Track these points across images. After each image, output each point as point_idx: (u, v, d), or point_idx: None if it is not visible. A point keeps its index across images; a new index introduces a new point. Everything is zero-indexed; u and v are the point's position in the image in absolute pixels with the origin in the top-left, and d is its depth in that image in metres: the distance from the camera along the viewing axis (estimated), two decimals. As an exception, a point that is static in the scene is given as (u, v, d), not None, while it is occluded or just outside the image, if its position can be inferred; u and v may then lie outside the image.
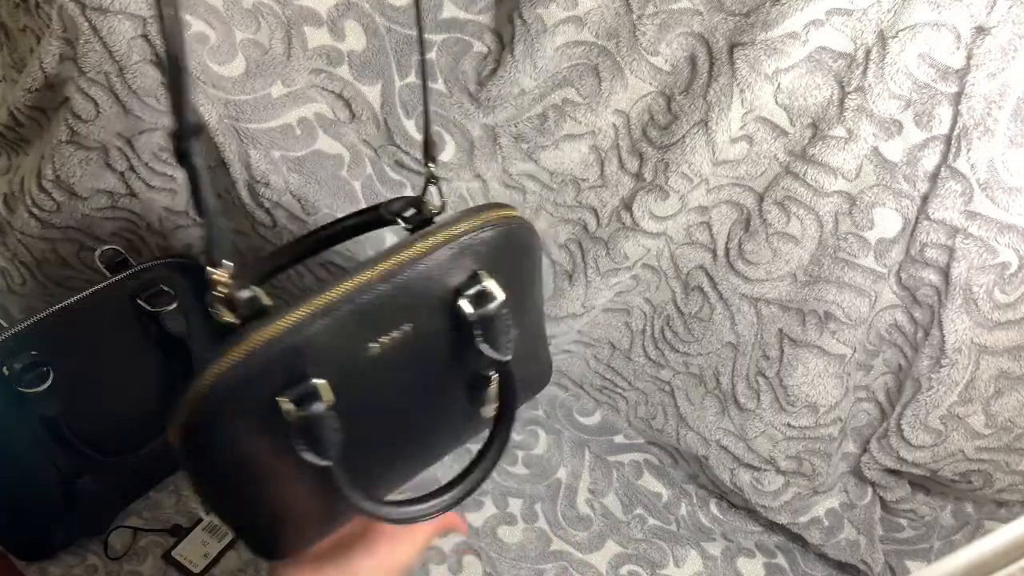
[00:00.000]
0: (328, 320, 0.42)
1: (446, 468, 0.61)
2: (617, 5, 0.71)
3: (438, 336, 0.46)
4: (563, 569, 0.78)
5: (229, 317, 0.43)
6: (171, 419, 0.42)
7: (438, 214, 0.52)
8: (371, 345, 0.44)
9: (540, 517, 0.82)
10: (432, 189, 0.52)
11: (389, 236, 0.76)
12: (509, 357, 0.47)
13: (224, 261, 0.42)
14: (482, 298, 0.46)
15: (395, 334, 0.44)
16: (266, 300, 0.44)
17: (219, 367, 0.41)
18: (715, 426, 0.82)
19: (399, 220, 0.52)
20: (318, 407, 0.41)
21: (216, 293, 0.43)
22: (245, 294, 0.43)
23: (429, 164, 0.52)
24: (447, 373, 0.48)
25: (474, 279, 0.46)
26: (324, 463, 0.42)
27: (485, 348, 0.46)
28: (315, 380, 0.41)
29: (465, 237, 0.46)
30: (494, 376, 0.48)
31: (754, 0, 0.68)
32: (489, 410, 0.49)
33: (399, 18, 0.75)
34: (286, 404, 0.41)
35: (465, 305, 0.46)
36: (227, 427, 0.42)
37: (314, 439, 0.41)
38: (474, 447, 0.50)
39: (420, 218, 0.52)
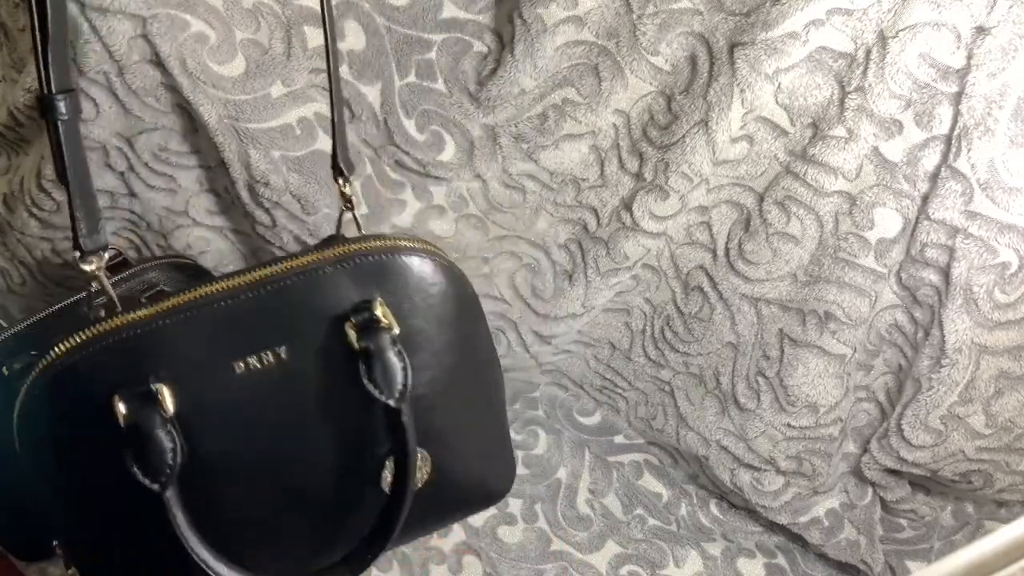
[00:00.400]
0: (183, 321, 0.38)
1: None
2: (617, 5, 0.71)
3: (319, 368, 0.40)
4: (563, 569, 0.78)
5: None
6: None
7: None
8: (235, 363, 0.38)
9: (540, 517, 0.82)
10: (348, 216, 0.45)
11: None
12: (397, 403, 0.39)
13: (99, 250, 0.37)
14: (371, 327, 0.39)
15: (266, 356, 0.39)
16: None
17: (60, 348, 0.37)
18: (715, 426, 0.81)
19: None
20: (154, 414, 0.35)
21: (92, 288, 0.37)
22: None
23: (339, 181, 0.45)
24: (330, 418, 0.41)
25: (364, 305, 0.39)
26: (153, 486, 0.35)
27: (370, 387, 0.39)
28: (155, 384, 0.36)
29: (360, 257, 0.40)
30: (387, 433, 0.40)
31: (754, 0, 0.68)
32: (387, 480, 0.42)
33: (399, 18, 0.75)
34: (120, 404, 0.35)
35: (350, 332, 0.39)
36: (62, 416, 0.37)
37: (145, 452, 0.35)
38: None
39: None
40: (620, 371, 0.87)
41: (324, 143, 0.76)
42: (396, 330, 0.39)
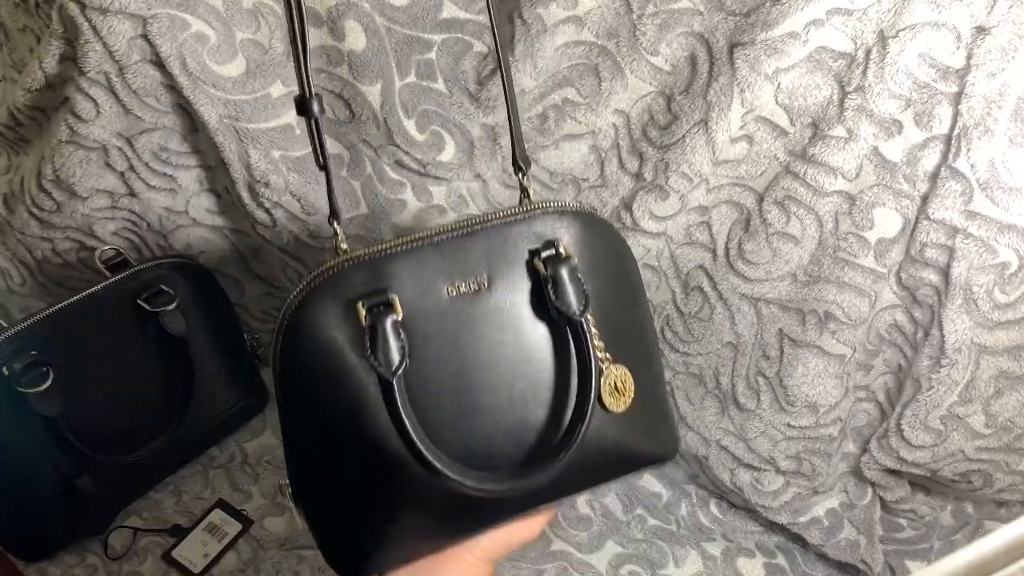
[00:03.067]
0: (410, 250, 0.48)
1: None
2: (617, 5, 0.71)
3: (513, 293, 0.50)
4: (563, 569, 0.78)
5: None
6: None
7: None
8: (447, 287, 0.48)
9: (540, 517, 0.82)
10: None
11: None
12: (579, 316, 0.48)
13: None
14: (556, 259, 0.49)
15: (471, 282, 0.49)
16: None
17: (320, 269, 0.47)
18: (715, 426, 0.82)
19: None
20: (387, 318, 0.45)
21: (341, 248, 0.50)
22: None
23: (518, 175, 0.56)
24: (522, 336, 0.50)
25: (551, 243, 0.50)
26: (386, 375, 0.45)
27: (557, 303, 0.49)
28: (391, 295, 0.46)
29: (551, 207, 0.51)
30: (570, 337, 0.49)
31: (754, 0, 0.68)
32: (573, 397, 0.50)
33: (399, 18, 0.75)
34: (361, 308, 0.46)
35: (539, 263, 0.49)
36: (317, 319, 0.47)
37: (379, 348, 0.45)
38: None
39: None
40: (620, 371, 0.87)
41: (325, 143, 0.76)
42: (576, 261, 0.49)
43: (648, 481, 0.87)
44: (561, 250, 0.49)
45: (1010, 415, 0.73)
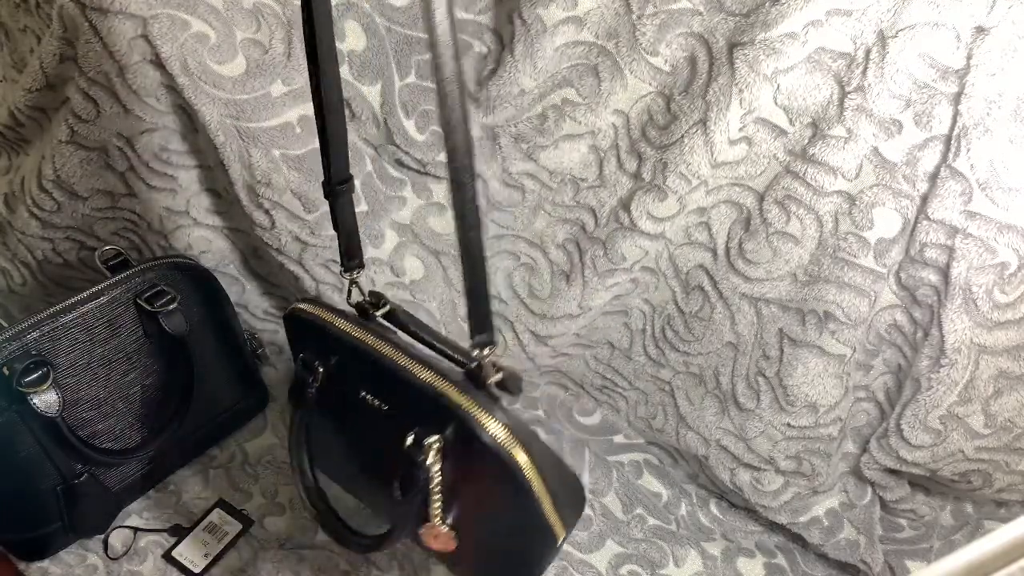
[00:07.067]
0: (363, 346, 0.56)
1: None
2: (617, 5, 0.71)
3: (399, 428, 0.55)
4: (563, 569, 0.78)
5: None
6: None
7: None
8: (362, 389, 0.56)
9: (540, 517, 0.81)
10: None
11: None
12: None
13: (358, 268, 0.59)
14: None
15: (379, 402, 0.55)
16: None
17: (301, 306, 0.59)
18: (715, 426, 0.82)
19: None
20: (310, 374, 0.58)
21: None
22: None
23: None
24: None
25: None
26: (298, 405, 0.60)
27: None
28: (326, 361, 0.58)
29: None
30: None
31: (754, 0, 0.68)
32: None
33: (399, 18, 0.75)
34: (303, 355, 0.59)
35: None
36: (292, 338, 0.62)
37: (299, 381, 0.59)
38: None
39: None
40: (620, 370, 0.87)
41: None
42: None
43: (648, 481, 0.87)
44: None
45: (1009, 415, 0.73)
